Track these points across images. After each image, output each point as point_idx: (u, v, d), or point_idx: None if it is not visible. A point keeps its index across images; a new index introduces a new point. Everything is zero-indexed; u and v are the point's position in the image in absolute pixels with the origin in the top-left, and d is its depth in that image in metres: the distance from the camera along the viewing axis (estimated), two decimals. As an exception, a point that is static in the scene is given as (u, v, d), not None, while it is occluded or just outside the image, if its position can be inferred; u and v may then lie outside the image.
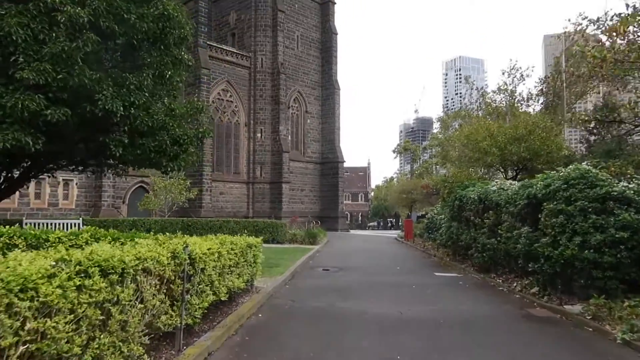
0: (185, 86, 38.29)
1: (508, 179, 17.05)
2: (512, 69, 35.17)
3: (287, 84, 42.85)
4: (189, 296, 5.38)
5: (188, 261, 5.29)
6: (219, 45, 39.64)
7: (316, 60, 47.18)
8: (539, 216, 10.04)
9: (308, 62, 46.28)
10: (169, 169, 10.19)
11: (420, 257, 19.81)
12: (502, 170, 19.06)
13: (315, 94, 46.76)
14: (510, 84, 35.91)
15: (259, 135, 41.39)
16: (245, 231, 21.98)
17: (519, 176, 17.40)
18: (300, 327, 6.95)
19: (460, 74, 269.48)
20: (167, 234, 7.10)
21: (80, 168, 11.67)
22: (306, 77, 45.93)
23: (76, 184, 30.84)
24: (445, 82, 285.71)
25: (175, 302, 5.07)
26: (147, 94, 8.81)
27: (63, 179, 30.13)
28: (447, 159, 56.29)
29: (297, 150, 45.28)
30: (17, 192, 29.60)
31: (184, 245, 5.29)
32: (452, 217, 17.83)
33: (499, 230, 12.10)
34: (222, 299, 6.53)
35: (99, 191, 30.85)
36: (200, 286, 5.65)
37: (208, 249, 5.96)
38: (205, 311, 6.00)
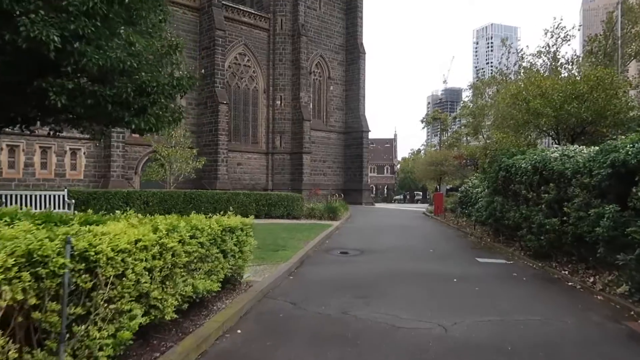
0: (199, 49, 35.98)
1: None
2: (557, 27, 31.48)
3: (308, 48, 39.94)
4: (83, 327, 3.05)
5: (73, 267, 2.96)
6: (235, 5, 36.82)
7: (340, 22, 43.95)
8: (633, 189, 7.36)
9: (331, 24, 43.12)
10: (134, 127, 7.83)
11: (455, 236, 17.23)
12: (554, 135, 16.17)
13: (338, 58, 43.69)
14: (553, 45, 32.30)
15: (278, 102, 38.84)
16: (255, 205, 19.84)
17: (575, 143, 14.49)
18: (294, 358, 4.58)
19: (492, 42, 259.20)
20: (129, 212, 4.81)
21: (24, 127, 9.23)
22: (329, 41, 42.84)
23: (84, 153, 29.09)
24: (476, 51, 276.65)
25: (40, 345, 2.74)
26: (98, 23, 6.40)
27: (70, 148, 28.46)
28: (479, 129, 52.96)
29: (319, 119, 42.64)
30: (22, 162, 28.19)
31: (66, 239, 2.92)
32: (495, 190, 15.13)
33: (565, 209, 9.43)
34: (168, 317, 4.16)
35: (108, 161, 29.02)
36: (110, 307, 3.29)
37: (134, 242, 3.59)
38: (132, 342, 3.65)
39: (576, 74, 26.32)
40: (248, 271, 7.73)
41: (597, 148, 9.30)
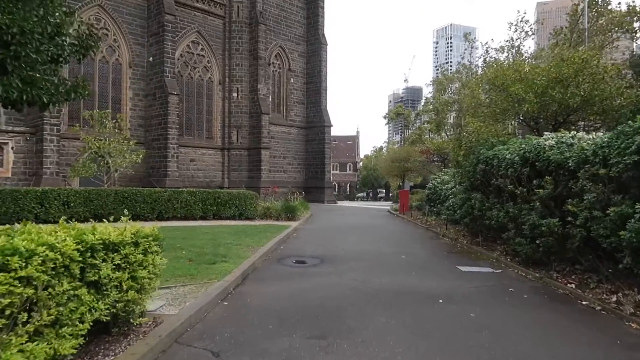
0: (147, 36, 33.05)
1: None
2: (521, 21, 30.49)
3: (267, 37, 37.65)
4: None
5: None
6: (186, -11, 34.08)
7: (300, 11, 41.83)
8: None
9: (291, 13, 40.93)
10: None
11: (426, 238, 15.46)
12: (533, 125, 14.60)
13: (299, 49, 41.54)
14: (517, 39, 31.34)
15: (235, 95, 36.36)
16: (202, 205, 17.51)
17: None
18: None
19: (451, 42, 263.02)
20: None
21: None
22: (289, 31, 40.64)
23: (12, 148, 25.80)
24: (436, 51, 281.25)
25: None
26: None
27: (-5, 142, 25.16)
28: (441, 126, 51.99)
29: (279, 113, 40.39)
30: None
31: None
32: (472, 186, 13.44)
33: (570, 207, 7.68)
34: None
35: (40, 157, 25.86)
36: None
37: None
38: None
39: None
40: (161, 299, 5.53)
41: (609, 133, 7.58)
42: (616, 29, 29.79)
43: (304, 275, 8.41)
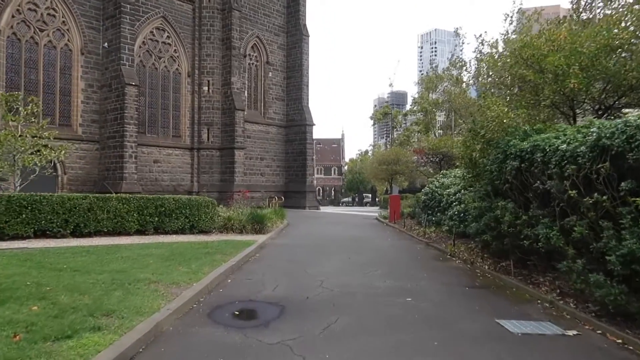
0: (103, 19, 29.08)
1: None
2: (517, 12, 27.33)
3: (242, 26, 33.94)
4: None
5: None
6: (149, -32, 30.19)
7: (280, 0, 38.18)
8: None
9: (270, 1, 37.29)
10: None
11: (430, 258, 11.85)
12: (567, 110, 11.12)
13: (278, 41, 37.87)
14: (512, 32, 28.22)
15: (205, 88, 32.50)
16: (138, 215, 13.54)
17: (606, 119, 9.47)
18: None
19: (435, 47, 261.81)
20: None
21: None
22: (267, 20, 36.95)
23: None
24: (421, 56, 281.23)
25: None
26: None
27: None
28: (430, 127, 48.71)
29: (256, 110, 36.65)
30: None
31: None
32: (497, 190, 9.89)
33: None
34: None
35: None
36: None
37: None
38: None
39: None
40: None
41: None
42: None
43: (240, 357, 4.66)
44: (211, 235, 14.02)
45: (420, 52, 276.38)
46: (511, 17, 28.46)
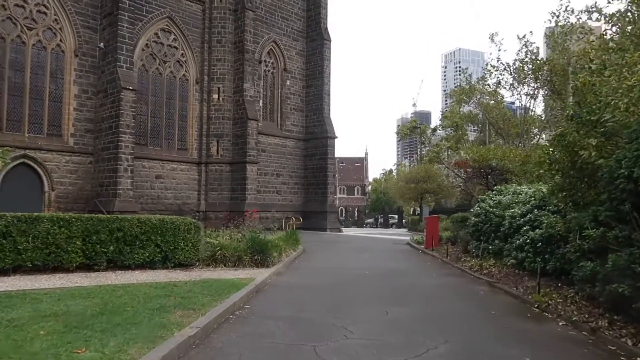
0: (100, 18, 26.20)
1: None
2: (565, 10, 23.50)
3: (257, 29, 30.74)
4: None
5: None
6: (155, -36, 27.30)
7: (299, 2, 34.99)
8: None
9: (288, 4, 34.09)
10: None
11: (512, 314, 7.77)
12: None
13: (297, 46, 34.53)
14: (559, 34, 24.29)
15: (215, 96, 29.20)
16: (82, 243, 9.63)
17: None
18: None
19: (460, 67, 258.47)
20: None
21: None
22: (285, 24, 33.72)
23: None
24: (444, 75, 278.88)
25: None
26: None
27: None
28: (461, 143, 44.49)
29: (272, 122, 33.15)
30: None
31: None
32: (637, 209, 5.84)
33: None
34: None
35: None
36: None
37: None
38: None
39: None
40: None
41: None
42: None
43: None
44: (192, 270, 10.22)
45: (444, 72, 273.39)
46: (557, 15, 24.55)
